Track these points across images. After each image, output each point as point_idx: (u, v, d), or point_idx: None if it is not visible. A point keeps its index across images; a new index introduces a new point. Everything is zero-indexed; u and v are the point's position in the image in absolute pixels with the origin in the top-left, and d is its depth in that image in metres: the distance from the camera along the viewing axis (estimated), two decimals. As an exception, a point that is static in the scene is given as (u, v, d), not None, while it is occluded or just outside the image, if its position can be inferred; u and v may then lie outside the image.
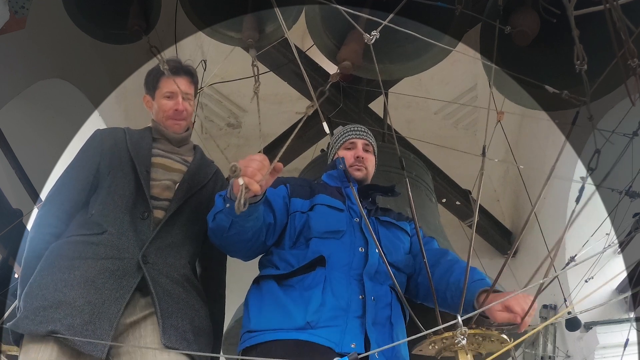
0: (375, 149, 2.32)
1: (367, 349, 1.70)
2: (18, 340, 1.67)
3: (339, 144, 2.28)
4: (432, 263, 1.95)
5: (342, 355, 1.65)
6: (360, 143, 2.24)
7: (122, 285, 1.72)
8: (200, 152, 2.20)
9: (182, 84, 2.09)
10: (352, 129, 2.31)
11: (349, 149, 2.24)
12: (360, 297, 1.80)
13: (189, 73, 2.15)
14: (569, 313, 3.85)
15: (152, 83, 2.13)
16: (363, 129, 2.32)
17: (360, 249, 1.91)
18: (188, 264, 1.94)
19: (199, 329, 1.82)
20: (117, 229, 1.81)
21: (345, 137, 2.27)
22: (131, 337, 1.73)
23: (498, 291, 1.72)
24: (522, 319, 1.59)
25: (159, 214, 1.92)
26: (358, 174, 2.18)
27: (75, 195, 1.94)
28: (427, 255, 1.94)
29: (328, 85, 1.46)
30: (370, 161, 2.24)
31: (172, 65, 2.10)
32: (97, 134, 2.09)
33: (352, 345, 1.69)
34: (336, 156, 2.26)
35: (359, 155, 2.20)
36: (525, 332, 1.61)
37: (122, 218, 1.84)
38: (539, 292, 1.53)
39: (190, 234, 1.98)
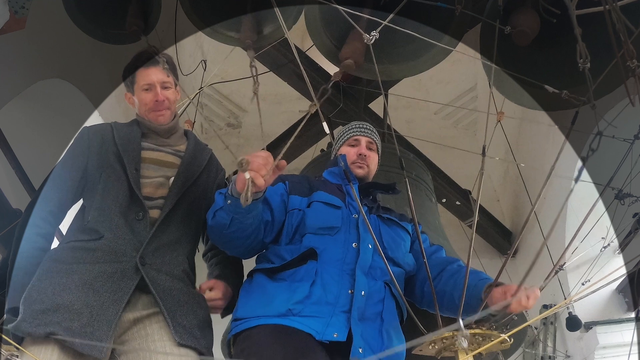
0: (379, 147, 2.31)
1: (350, 342, 1.70)
2: (19, 343, 1.67)
3: (343, 140, 2.27)
4: (441, 269, 1.98)
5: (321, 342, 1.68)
6: (364, 140, 2.23)
7: (121, 287, 1.73)
8: (193, 137, 2.16)
9: (155, 73, 2.02)
10: (357, 125, 2.29)
11: (352, 145, 2.23)
12: (350, 291, 1.81)
13: (160, 61, 2.04)
14: (570, 313, 3.86)
15: (129, 80, 2.08)
16: (368, 127, 2.30)
17: (353, 244, 1.92)
18: (186, 259, 1.94)
19: (203, 322, 1.85)
20: (114, 234, 1.81)
21: (350, 133, 2.26)
22: (136, 336, 1.74)
23: (501, 283, 1.75)
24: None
25: (154, 213, 1.91)
26: (359, 172, 2.17)
27: (61, 196, 1.93)
28: (435, 263, 2.00)
29: (330, 84, 1.46)
30: (373, 159, 2.24)
31: (142, 57, 2.05)
32: (85, 132, 2.05)
33: (335, 335, 1.70)
34: (339, 153, 2.25)
35: (361, 152, 2.19)
36: (517, 324, 1.62)
37: (118, 222, 1.83)
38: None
39: (187, 230, 1.98)
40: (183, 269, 1.90)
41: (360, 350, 1.69)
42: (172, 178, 1.99)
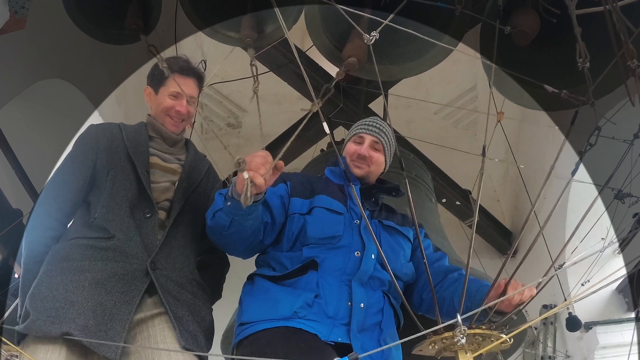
0: (387, 147, 2.16)
1: (349, 350, 1.71)
2: (19, 340, 1.67)
3: (350, 135, 2.18)
4: (442, 278, 1.97)
5: (328, 344, 1.70)
6: (368, 139, 2.12)
7: (131, 288, 1.73)
8: (193, 147, 2.18)
9: (189, 86, 2.04)
10: (365, 122, 2.17)
11: (357, 143, 2.13)
12: (349, 303, 1.81)
13: (199, 76, 2.10)
14: (570, 312, 3.86)
15: (158, 78, 2.07)
16: (376, 125, 2.16)
17: (356, 253, 1.90)
18: (194, 264, 1.96)
19: (208, 330, 1.87)
20: (125, 234, 1.80)
21: (357, 129, 2.16)
22: (139, 337, 1.74)
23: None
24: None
25: (161, 214, 1.93)
26: (357, 172, 2.10)
27: (73, 196, 1.91)
28: (437, 271, 1.99)
29: (334, 83, 1.45)
30: (376, 160, 2.11)
31: (181, 64, 2.06)
32: (92, 130, 2.03)
33: (339, 339, 1.73)
34: (344, 148, 2.18)
35: (361, 153, 2.10)
36: (518, 324, 1.62)
37: (128, 222, 1.83)
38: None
39: (194, 234, 1.99)
40: (192, 279, 1.91)
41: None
42: (177, 182, 2.00)
